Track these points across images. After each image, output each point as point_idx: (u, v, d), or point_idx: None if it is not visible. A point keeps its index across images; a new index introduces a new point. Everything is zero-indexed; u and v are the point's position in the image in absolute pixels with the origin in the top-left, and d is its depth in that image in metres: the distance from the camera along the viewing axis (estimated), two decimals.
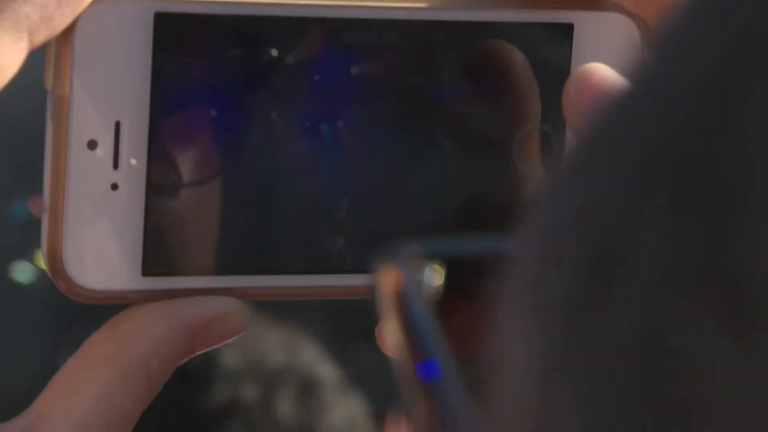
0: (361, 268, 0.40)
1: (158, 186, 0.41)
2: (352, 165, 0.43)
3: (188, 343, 0.42)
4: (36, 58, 0.41)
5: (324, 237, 0.43)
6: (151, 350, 0.42)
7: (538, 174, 0.46)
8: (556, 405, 0.23)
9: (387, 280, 0.30)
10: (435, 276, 0.31)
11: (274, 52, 0.42)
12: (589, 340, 0.23)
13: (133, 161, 0.41)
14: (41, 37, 0.41)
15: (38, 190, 0.42)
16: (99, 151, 0.41)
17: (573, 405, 0.23)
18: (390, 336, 0.30)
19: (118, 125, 0.41)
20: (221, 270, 0.42)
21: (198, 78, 0.42)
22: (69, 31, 0.40)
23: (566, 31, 0.44)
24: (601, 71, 0.45)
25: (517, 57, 0.44)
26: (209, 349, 0.43)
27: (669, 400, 0.21)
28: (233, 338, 0.42)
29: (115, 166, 0.41)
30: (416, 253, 0.31)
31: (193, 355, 0.42)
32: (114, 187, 0.41)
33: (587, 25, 0.45)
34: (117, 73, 0.41)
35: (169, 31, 0.41)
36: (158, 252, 0.42)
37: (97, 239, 0.41)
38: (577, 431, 0.22)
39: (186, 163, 0.42)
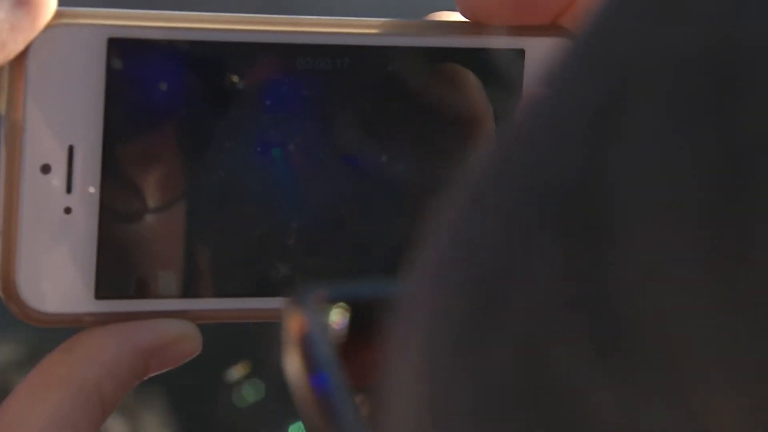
0: None
1: (112, 210, 0.42)
2: (303, 190, 0.43)
3: (142, 366, 0.42)
4: None
5: (274, 261, 0.43)
6: (104, 373, 0.42)
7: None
8: (444, 430, 0.23)
9: (293, 323, 0.31)
10: (340, 318, 0.31)
11: (227, 78, 0.42)
12: (475, 369, 0.23)
13: (91, 189, 0.41)
14: None
15: None
16: (52, 175, 0.41)
17: (460, 430, 0.23)
18: (294, 377, 0.30)
19: (71, 149, 0.41)
20: (175, 293, 0.43)
21: (151, 103, 0.42)
22: (22, 56, 0.40)
23: (518, 56, 0.44)
24: None
25: (471, 80, 0.43)
26: (163, 371, 0.43)
27: (552, 421, 0.22)
28: (186, 360, 0.42)
29: (69, 190, 0.41)
30: (323, 296, 0.31)
31: (146, 378, 0.42)
32: (67, 210, 0.41)
33: (538, 50, 0.45)
34: (70, 97, 0.41)
35: (123, 57, 0.41)
36: (112, 275, 0.42)
37: (50, 263, 0.42)
38: None
39: (139, 188, 0.42)
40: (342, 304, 0.32)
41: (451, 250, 0.25)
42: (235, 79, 0.42)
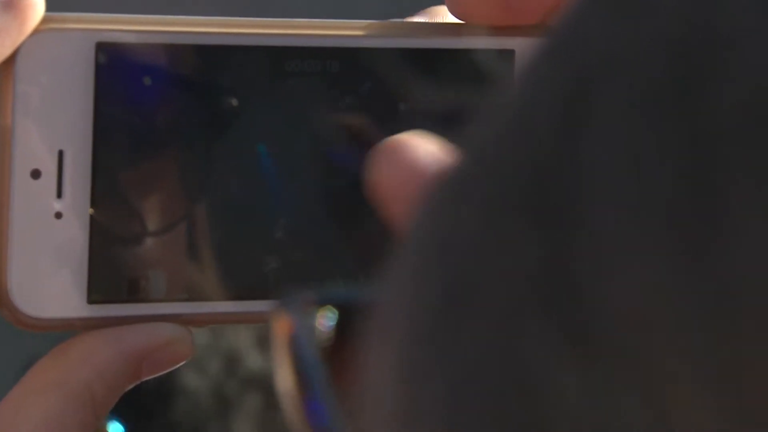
0: None
1: (102, 214, 0.42)
2: (291, 192, 0.43)
3: (134, 369, 0.43)
4: None
5: (263, 265, 0.43)
6: (96, 376, 0.42)
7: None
8: (417, 423, 0.24)
9: (280, 326, 0.32)
10: (326, 321, 0.32)
11: (214, 80, 0.42)
12: (447, 360, 0.23)
13: (82, 194, 0.42)
14: None
15: None
16: (42, 180, 0.41)
17: (433, 422, 0.23)
18: (282, 378, 0.31)
19: (61, 154, 0.41)
20: (167, 297, 0.43)
21: (141, 106, 0.42)
22: (10, 61, 0.41)
23: (508, 56, 0.44)
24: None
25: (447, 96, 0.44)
26: (156, 375, 0.43)
27: (521, 410, 0.22)
28: (179, 364, 0.43)
29: (59, 195, 0.41)
30: (309, 299, 0.32)
31: (138, 381, 0.42)
32: (58, 215, 0.41)
33: (528, 50, 0.44)
34: (60, 102, 0.41)
35: (111, 61, 0.41)
36: (103, 279, 0.42)
37: (41, 268, 0.42)
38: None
39: (130, 192, 0.43)
40: (328, 306, 0.32)
41: (425, 244, 0.25)
42: (222, 81, 0.43)
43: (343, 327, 0.32)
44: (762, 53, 0.21)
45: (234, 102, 0.43)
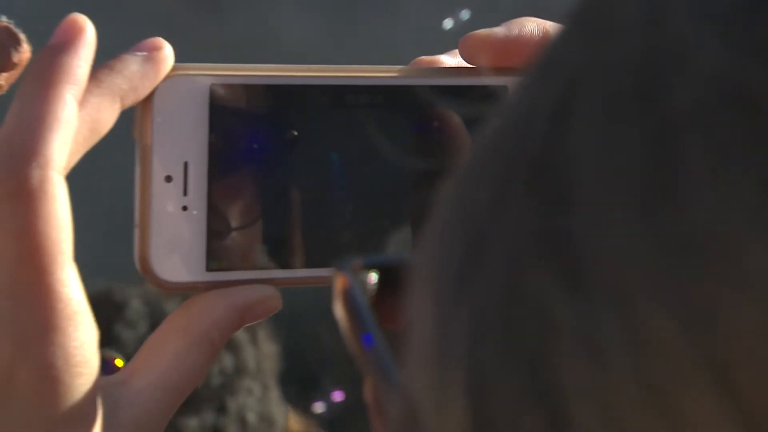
0: None
1: (216, 206, 0.49)
2: (350, 191, 0.51)
3: (239, 319, 0.49)
4: (127, 116, 0.49)
5: (326, 242, 0.51)
6: (213, 325, 0.49)
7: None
8: (447, 351, 0.28)
9: (338, 283, 0.38)
10: (371, 278, 0.38)
11: (295, 108, 0.50)
12: (469, 296, 0.27)
13: (201, 192, 0.48)
14: (129, 101, 0.48)
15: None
16: (173, 183, 0.49)
17: (459, 350, 0.27)
18: (340, 318, 0.37)
19: (186, 165, 0.49)
20: (262, 266, 0.50)
21: (242, 129, 0.50)
22: (149, 97, 0.48)
23: (502, 92, 0.51)
24: None
25: (455, 119, 0.51)
26: (254, 323, 0.50)
27: (525, 341, 0.26)
28: (270, 315, 0.50)
29: (185, 193, 0.49)
30: (359, 264, 0.38)
31: (242, 327, 0.50)
32: (184, 208, 0.49)
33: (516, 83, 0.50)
34: (184, 127, 0.48)
35: (220, 97, 0.49)
36: (217, 254, 0.49)
37: (173, 246, 0.49)
38: (463, 366, 0.27)
39: (235, 189, 0.50)
40: (373, 268, 0.38)
41: (450, 212, 0.29)
42: (303, 108, 0.50)
43: (382, 283, 0.38)
44: (704, 64, 0.24)
45: (310, 125, 0.50)
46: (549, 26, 0.52)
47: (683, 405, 0.24)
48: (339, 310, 0.37)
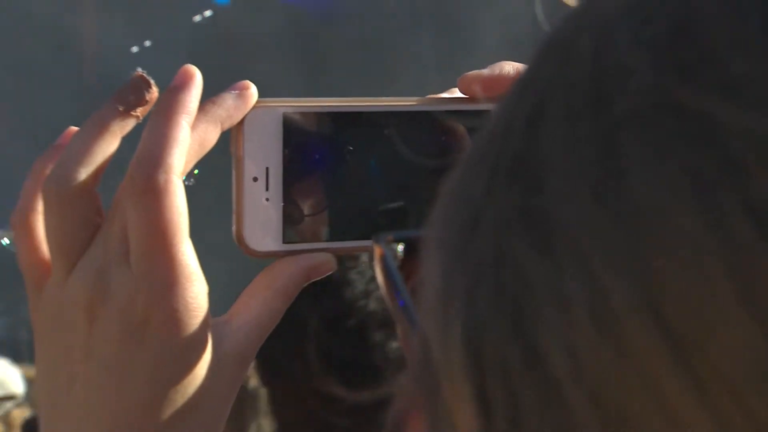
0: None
1: (289, 198, 0.59)
2: (386, 185, 0.61)
3: (306, 277, 0.59)
4: (225, 137, 0.58)
5: (367, 222, 0.60)
6: (288, 280, 0.58)
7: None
8: (449, 300, 0.29)
9: (376, 252, 0.41)
10: (399, 248, 0.40)
11: (344, 127, 0.59)
12: (465, 256, 0.29)
13: (278, 188, 0.56)
14: (227, 125, 0.57)
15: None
16: (258, 182, 0.58)
17: (458, 299, 0.29)
18: (379, 280, 0.40)
19: (267, 169, 0.58)
20: (322, 239, 0.61)
21: (305, 143, 0.60)
22: (241, 122, 0.57)
23: (488, 112, 0.47)
24: None
25: (460, 128, 0.60)
26: (316, 279, 0.59)
27: (509, 293, 0.28)
28: (327, 274, 0.59)
29: (267, 189, 0.58)
30: (390, 237, 0.41)
31: (307, 284, 0.58)
32: (267, 199, 0.58)
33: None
34: (265, 143, 0.58)
35: (290, 121, 0.59)
36: (290, 231, 0.59)
37: (259, 226, 0.58)
38: (461, 312, 0.28)
39: (301, 185, 0.60)
40: (400, 241, 0.41)
41: (453, 196, 0.31)
42: (346, 128, 0.60)
43: (407, 251, 0.40)
44: (638, 81, 0.26)
45: (353, 139, 0.60)
46: (520, 67, 0.58)
47: (627, 338, 0.26)
48: (378, 273, 0.41)
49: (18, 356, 4.65)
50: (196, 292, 0.54)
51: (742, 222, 0.25)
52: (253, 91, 0.58)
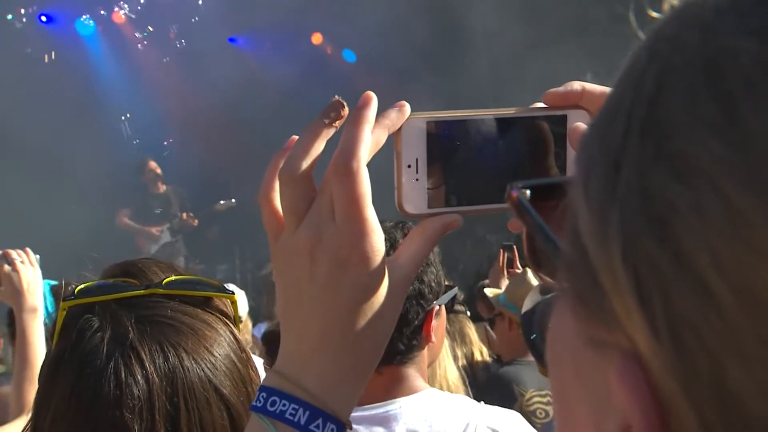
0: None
1: (433, 180, 0.79)
2: (497, 163, 0.80)
3: (444, 229, 0.78)
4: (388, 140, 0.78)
5: (494, 189, 0.78)
6: (433, 231, 0.78)
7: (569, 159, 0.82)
8: (605, 223, 0.35)
9: (512, 195, 0.50)
10: (528, 192, 0.50)
11: (467, 129, 0.79)
12: (614, 193, 0.35)
13: (424, 171, 0.75)
14: (391, 131, 0.76)
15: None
16: (411, 168, 0.78)
17: (613, 223, 0.34)
18: (516, 214, 0.49)
19: (417, 159, 0.78)
20: (455, 205, 0.80)
21: (442, 141, 0.79)
22: (399, 128, 0.77)
23: (563, 118, 0.80)
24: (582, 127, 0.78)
25: (546, 128, 0.82)
26: (450, 231, 0.78)
27: (656, 218, 0.32)
28: (455, 229, 0.78)
29: (417, 172, 0.78)
30: (519, 184, 0.50)
31: (444, 234, 0.78)
32: (417, 180, 0.78)
33: (572, 115, 0.81)
34: (414, 142, 0.77)
35: (432, 127, 0.79)
36: (432, 200, 0.79)
37: (412, 197, 0.79)
38: (617, 232, 0.34)
39: (440, 169, 0.79)
40: (526, 188, 0.49)
41: (593, 145, 0.39)
42: (467, 130, 0.80)
43: (536, 194, 0.48)
44: (746, 55, 0.31)
45: (474, 136, 0.79)
46: (585, 84, 0.79)
47: (757, 237, 0.29)
48: (514, 209, 0.48)
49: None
50: (378, 240, 0.75)
51: None
52: (407, 108, 0.80)
